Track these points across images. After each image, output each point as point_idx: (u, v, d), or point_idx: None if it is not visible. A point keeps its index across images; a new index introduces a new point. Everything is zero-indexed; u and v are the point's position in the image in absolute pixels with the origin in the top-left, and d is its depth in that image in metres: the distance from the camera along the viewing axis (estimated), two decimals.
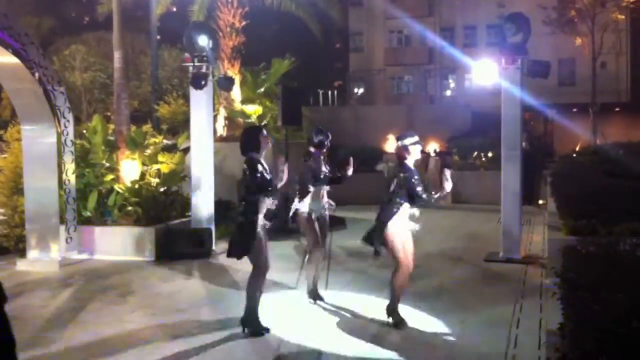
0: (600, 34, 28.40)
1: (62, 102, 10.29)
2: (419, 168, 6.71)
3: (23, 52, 9.46)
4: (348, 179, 7.86)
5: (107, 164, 11.77)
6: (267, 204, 6.41)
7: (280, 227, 11.54)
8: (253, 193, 6.31)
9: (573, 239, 5.80)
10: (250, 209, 6.33)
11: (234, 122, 16.42)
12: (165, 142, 13.07)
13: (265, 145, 6.51)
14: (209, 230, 10.92)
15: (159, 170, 11.81)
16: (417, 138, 6.65)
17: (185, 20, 16.94)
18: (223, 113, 16.52)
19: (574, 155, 12.50)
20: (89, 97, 24.10)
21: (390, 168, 18.63)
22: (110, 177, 11.58)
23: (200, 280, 9.23)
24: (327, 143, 7.82)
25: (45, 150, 10.22)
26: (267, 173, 6.35)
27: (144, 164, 11.80)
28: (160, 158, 11.96)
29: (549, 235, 8.96)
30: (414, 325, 6.63)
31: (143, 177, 11.59)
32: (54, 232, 10.20)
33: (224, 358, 6.02)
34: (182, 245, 10.69)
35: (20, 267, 9.99)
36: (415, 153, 6.62)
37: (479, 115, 25.09)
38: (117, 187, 11.31)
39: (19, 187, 10.83)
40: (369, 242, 6.82)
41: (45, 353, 6.18)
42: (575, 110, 31.30)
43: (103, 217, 11.12)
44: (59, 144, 10.33)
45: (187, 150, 11.98)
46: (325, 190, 7.76)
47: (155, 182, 11.61)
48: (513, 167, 10.05)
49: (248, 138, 6.57)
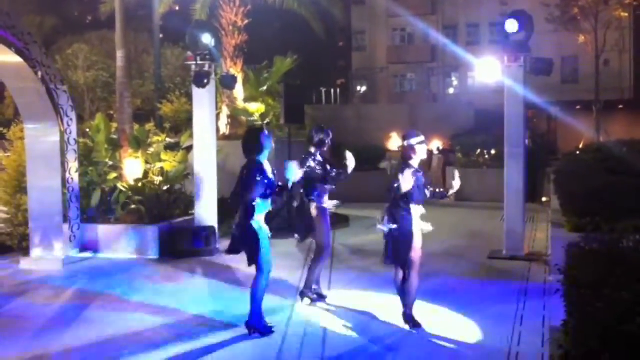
0: (604, 32, 28.35)
1: (65, 100, 10.30)
2: (424, 166, 6.68)
3: (26, 51, 9.47)
4: (350, 176, 7.79)
5: (110, 163, 11.79)
6: (267, 206, 6.36)
7: (282, 225, 11.62)
8: (248, 195, 6.23)
9: (576, 236, 5.77)
10: (249, 213, 6.24)
11: (237, 120, 16.42)
12: (168, 140, 13.06)
13: (269, 146, 6.43)
14: (213, 228, 10.93)
15: (162, 169, 11.82)
16: (422, 138, 6.59)
17: (188, 19, 16.94)
18: (226, 111, 16.52)
19: (578, 153, 12.47)
20: (92, 95, 24.08)
21: (394, 166, 18.65)
22: (114, 175, 11.60)
23: (204, 279, 9.24)
24: (327, 142, 7.71)
25: (49, 149, 10.24)
26: (268, 175, 6.27)
27: (147, 163, 11.81)
28: (163, 156, 11.97)
29: (553, 233, 8.98)
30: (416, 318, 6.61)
31: (146, 175, 11.60)
32: (58, 230, 10.22)
33: (229, 357, 6.02)
34: (185, 244, 10.70)
35: (24, 265, 10.00)
36: (422, 153, 6.55)
37: (482, 113, 25.10)
38: (120, 185, 11.33)
39: (22, 185, 10.84)
40: (391, 261, 6.70)
41: (49, 351, 6.19)
42: (579, 108, 31.27)
43: (106, 215, 11.13)
44: (62, 143, 10.34)
45: (190, 149, 11.98)
46: (328, 190, 7.68)
47: (159, 180, 11.62)
48: (516, 164, 10.04)
49: (250, 140, 6.44)
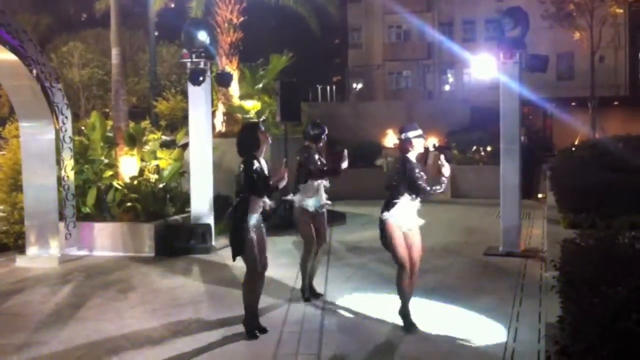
0: (599, 28, 28.41)
1: (60, 98, 10.28)
2: (420, 162, 6.62)
3: (21, 49, 9.44)
4: (344, 172, 7.77)
5: (105, 160, 11.77)
6: (262, 204, 6.32)
7: (280, 222, 11.62)
8: (246, 192, 6.22)
9: (572, 233, 5.79)
10: (242, 208, 6.23)
11: (233, 118, 16.38)
12: (164, 138, 13.05)
13: (264, 143, 6.36)
14: (208, 226, 10.92)
15: (158, 167, 11.80)
16: (420, 131, 6.52)
17: (183, 17, 16.91)
18: (222, 109, 16.48)
19: (573, 149, 12.50)
20: (87, 93, 24.03)
21: (390, 163, 18.67)
22: (109, 173, 11.58)
23: (200, 276, 9.23)
24: (323, 137, 7.75)
25: (44, 147, 10.22)
26: (264, 172, 6.23)
27: (143, 160, 11.79)
28: (159, 154, 11.96)
29: (548, 229, 8.98)
30: (414, 320, 6.61)
31: (142, 173, 11.58)
32: (53, 228, 10.21)
33: (224, 354, 6.01)
34: (181, 241, 10.70)
35: (20, 263, 9.99)
36: (418, 146, 6.49)
37: (478, 110, 25.11)
38: (116, 183, 11.31)
39: (18, 183, 10.83)
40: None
41: (46, 349, 6.18)
42: (574, 105, 31.34)
43: (102, 213, 11.12)
44: (58, 141, 10.32)
45: (185, 146, 11.97)
46: (323, 185, 7.67)
47: (154, 178, 11.61)
48: (512, 161, 10.05)
49: (245, 137, 6.38)
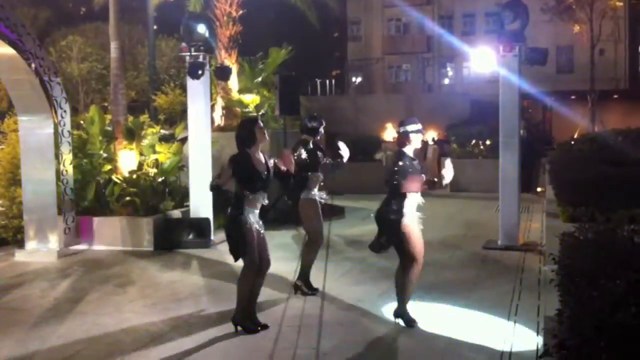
0: (599, 21, 28.36)
1: (58, 92, 10.26)
2: (419, 156, 6.56)
3: (19, 43, 9.41)
4: (345, 166, 7.74)
5: (104, 155, 11.76)
6: (258, 199, 6.24)
7: (279, 216, 11.61)
8: (241, 188, 6.18)
9: (571, 226, 5.77)
10: (236, 204, 6.20)
11: (232, 111, 16.36)
12: (163, 132, 13.04)
13: (262, 138, 6.29)
14: (207, 220, 10.92)
15: (157, 161, 11.79)
16: (419, 126, 6.43)
17: (182, 10, 16.86)
18: (220, 103, 16.46)
19: (573, 143, 12.43)
20: (86, 87, 23.95)
21: (389, 156, 18.65)
22: (108, 167, 11.57)
23: (199, 270, 9.23)
24: (321, 130, 7.66)
25: (43, 141, 10.20)
26: (257, 168, 6.17)
27: (142, 154, 11.78)
28: (158, 148, 11.94)
29: (547, 223, 8.98)
30: (412, 314, 6.60)
31: (141, 167, 11.57)
32: (52, 222, 10.20)
33: (223, 348, 6.01)
34: (180, 235, 10.70)
35: (19, 258, 9.99)
36: (416, 142, 6.40)
37: (478, 104, 25.08)
38: (114, 177, 11.30)
39: (17, 178, 10.82)
40: (377, 249, 6.50)
41: (45, 344, 6.18)
42: (574, 98, 31.29)
43: (101, 207, 11.11)
44: (56, 135, 10.30)
45: (184, 140, 11.95)
46: (320, 179, 7.59)
47: (153, 172, 11.60)
48: (511, 154, 10.05)
49: (242, 131, 6.33)
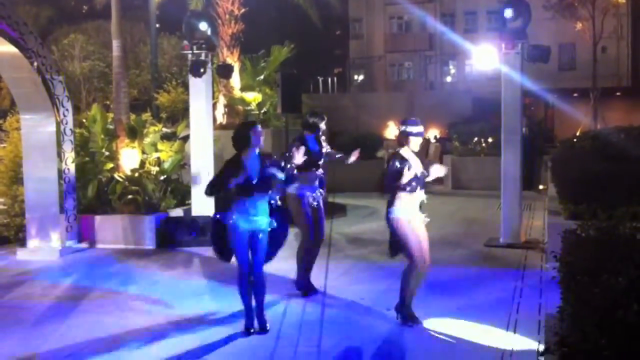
0: (601, 18, 28.28)
1: (61, 91, 10.27)
2: (421, 154, 6.49)
3: (21, 41, 9.42)
4: (345, 164, 7.69)
5: (106, 153, 11.76)
6: (246, 202, 6.21)
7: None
8: (237, 189, 6.20)
9: (573, 224, 5.77)
10: (223, 206, 6.30)
11: (234, 109, 16.39)
12: (165, 130, 13.03)
13: (257, 142, 6.26)
14: (209, 219, 10.90)
15: (159, 159, 11.79)
16: (421, 129, 6.33)
17: (184, 8, 16.86)
18: (222, 101, 16.48)
19: (575, 140, 12.41)
20: (88, 86, 23.98)
21: (391, 154, 18.63)
22: (110, 165, 11.58)
23: (201, 269, 9.24)
24: (322, 125, 7.60)
25: (45, 140, 10.21)
26: (247, 172, 6.15)
27: (144, 153, 11.77)
28: (160, 146, 11.94)
29: (549, 220, 8.96)
30: (409, 314, 6.56)
31: (143, 165, 11.57)
32: (54, 221, 10.21)
33: (224, 347, 6.01)
34: (182, 234, 10.69)
35: (21, 256, 10.00)
36: (414, 145, 6.30)
37: (480, 101, 25.12)
38: (116, 175, 11.30)
39: (19, 176, 10.83)
40: (391, 254, 6.50)
41: (46, 342, 6.18)
42: (576, 95, 31.26)
43: (103, 205, 11.11)
44: (58, 133, 10.31)
45: (186, 139, 11.95)
46: (318, 175, 7.54)
47: (155, 170, 11.60)
48: (513, 152, 10.03)
49: (237, 135, 6.37)
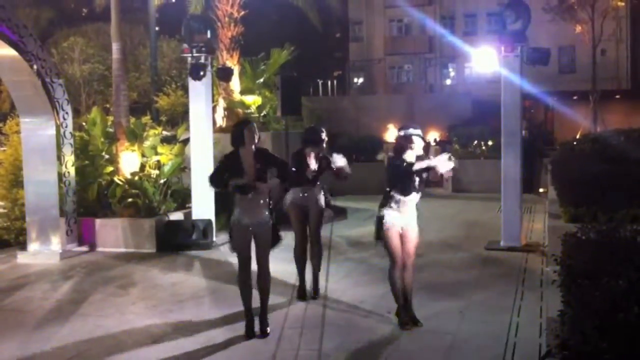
0: (600, 21, 28.30)
1: (60, 94, 10.27)
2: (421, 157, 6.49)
3: (21, 44, 9.43)
4: (347, 174, 7.57)
5: (106, 156, 11.75)
6: (244, 199, 6.26)
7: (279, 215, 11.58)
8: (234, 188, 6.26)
9: (573, 226, 5.77)
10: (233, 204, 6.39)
11: (234, 112, 16.37)
12: (165, 133, 13.03)
13: (250, 140, 6.29)
14: (210, 222, 10.91)
15: (159, 162, 11.78)
16: (419, 131, 6.33)
17: (184, 11, 16.87)
18: (222, 104, 16.46)
19: (575, 143, 12.43)
20: (88, 89, 23.97)
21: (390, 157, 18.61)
22: (110, 169, 11.57)
23: (201, 272, 9.23)
24: (317, 141, 7.47)
25: (45, 143, 10.21)
26: (245, 169, 6.19)
27: (144, 156, 11.77)
28: (160, 149, 11.93)
29: (550, 223, 8.96)
30: (410, 315, 6.56)
31: (143, 168, 11.57)
32: (54, 224, 10.20)
33: (225, 350, 6.01)
34: (182, 237, 10.69)
35: (21, 259, 10.00)
36: (410, 156, 6.28)
37: (479, 104, 25.11)
38: (116, 179, 11.30)
39: (19, 179, 10.84)
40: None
41: (47, 345, 6.18)
42: (576, 98, 31.23)
43: (103, 209, 11.11)
44: (58, 136, 10.31)
45: (186, 142, 11.94)
46: (301, 192, 7.46)
47: (155, 173, 11.60)
48: (513, 154, 10.04)
49: (233, 132, 6.49)
